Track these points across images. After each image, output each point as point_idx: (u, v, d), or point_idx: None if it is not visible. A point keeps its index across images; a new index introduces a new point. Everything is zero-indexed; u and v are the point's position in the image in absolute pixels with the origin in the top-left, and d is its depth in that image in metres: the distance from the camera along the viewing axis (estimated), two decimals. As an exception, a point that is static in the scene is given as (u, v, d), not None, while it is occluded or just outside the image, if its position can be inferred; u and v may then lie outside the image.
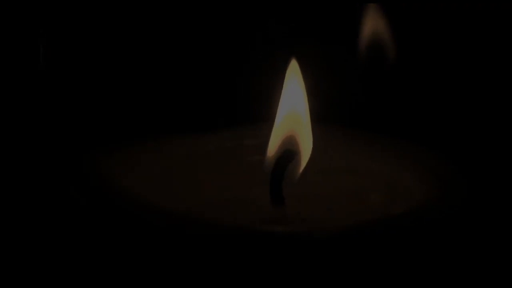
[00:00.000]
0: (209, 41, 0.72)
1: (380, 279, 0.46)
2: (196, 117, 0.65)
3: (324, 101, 0.53)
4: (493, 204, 0.56)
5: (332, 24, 0.72)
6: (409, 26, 0.72)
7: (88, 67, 0.70)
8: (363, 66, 0.70)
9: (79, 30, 0.69)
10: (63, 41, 0.69)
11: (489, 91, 0.71)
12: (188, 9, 0.71)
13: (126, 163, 0.53)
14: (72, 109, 0.67)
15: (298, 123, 0.52)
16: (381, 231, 0.46)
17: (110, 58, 0.70)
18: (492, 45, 0.72)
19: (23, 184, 0.57)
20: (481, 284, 0.52)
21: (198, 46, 0.72)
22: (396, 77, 0.70)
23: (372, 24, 0.70)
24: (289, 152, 0.51)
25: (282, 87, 0.53)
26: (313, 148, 0.52)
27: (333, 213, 0.53)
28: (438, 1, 0.71)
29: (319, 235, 0.45)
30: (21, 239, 0.53)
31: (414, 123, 0.69)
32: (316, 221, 0.52)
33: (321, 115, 0.53)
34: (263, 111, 0.56)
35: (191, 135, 0.58)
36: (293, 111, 0.52)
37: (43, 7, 0.68)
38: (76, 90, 0.69)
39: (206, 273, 0.45)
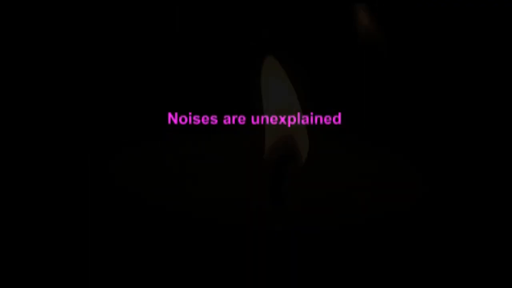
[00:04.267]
0: (209, 41, 0.72)
1: (380, 279, 0.46)
2: (195, 117, 0.65)
3: (318, 100, 0.53)
4: (489, 204, 0.56)
5: (329, 23, 0.72)
6: (398, 26, 0.72)
7: (88, 67, 0.70)
8: (359, 65, 0.70)
9: (79, 31, 0.69)
10: (63, 41, 0.69)
11: (482, 94, 0.71)
12: (187, 8, 0.71)
13: (126, 163, 0.53)
14: (73, 109, 0.68)
15: (292, 122, 0.52)
16: (380, 230, 0.46)
17: (111, 59, 0.70)
18: (485, 51, 0.72)
19: (23, 184, 0.57)
20: (480, 284, 0.52)
21: (197, 47, 0.72)
22: (387, 76, 0.71)
23: (364, 23, 0.70)
24: (289, 152, 0.51)
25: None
26: (311, 148, 0.52)
27: (332, 212, 0.53)
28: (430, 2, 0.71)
29: (319, 234, 0.45)
30: (22, 238, 0.53)
31: (415, 123, 0.69)
32: (316, 220, 0.52)
33: (317, 115, 0.53)
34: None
35: (190, 135, 0.58)
36: (283, 108, 0.52)
37: (44, 8, 0.68)
38: (77, 91, 0.69)
39: (206, 273, 0.45)
